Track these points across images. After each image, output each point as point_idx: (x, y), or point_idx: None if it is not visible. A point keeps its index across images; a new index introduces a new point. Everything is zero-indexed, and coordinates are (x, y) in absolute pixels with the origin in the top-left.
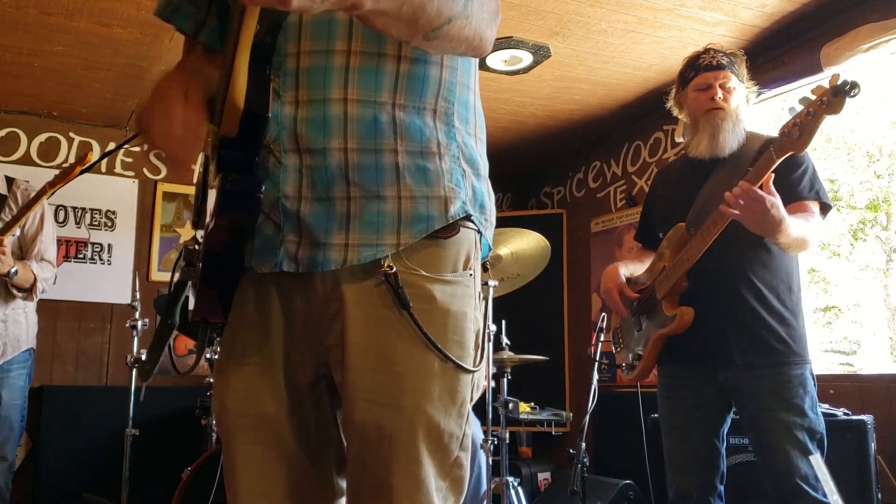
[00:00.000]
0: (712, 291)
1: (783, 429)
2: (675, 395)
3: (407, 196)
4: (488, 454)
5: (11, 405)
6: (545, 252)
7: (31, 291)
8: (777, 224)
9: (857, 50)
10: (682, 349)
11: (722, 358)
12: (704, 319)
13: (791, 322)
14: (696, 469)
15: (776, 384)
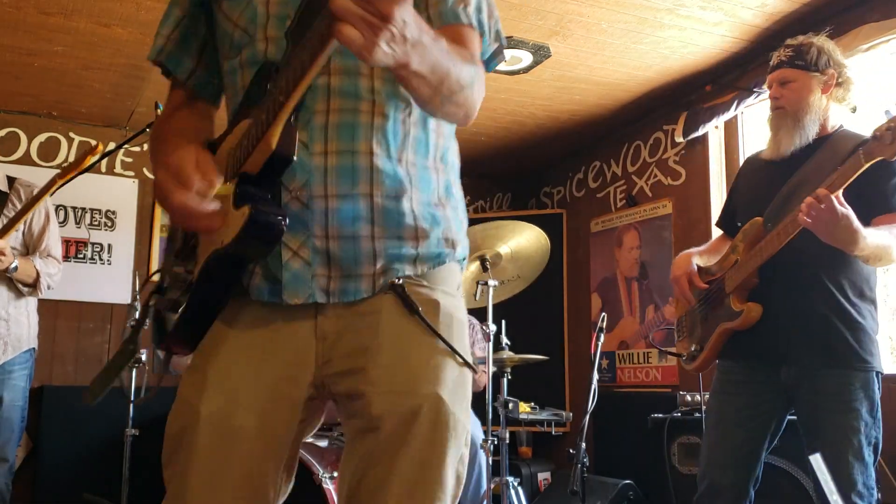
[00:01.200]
0: (782, 290)
1: (838, 430)
2: (728, 391)
3: (423, 237)
4: (488, 454)
5: (12, 406)
6: (544, 249)
7: (35, 287)
8: (849, 237)
9: (857, 50)
10: (746, 345)
11: (785, 357)
12: (771, 317)
13: (861, 326)
14: (733, 468)
15: (837, 386)
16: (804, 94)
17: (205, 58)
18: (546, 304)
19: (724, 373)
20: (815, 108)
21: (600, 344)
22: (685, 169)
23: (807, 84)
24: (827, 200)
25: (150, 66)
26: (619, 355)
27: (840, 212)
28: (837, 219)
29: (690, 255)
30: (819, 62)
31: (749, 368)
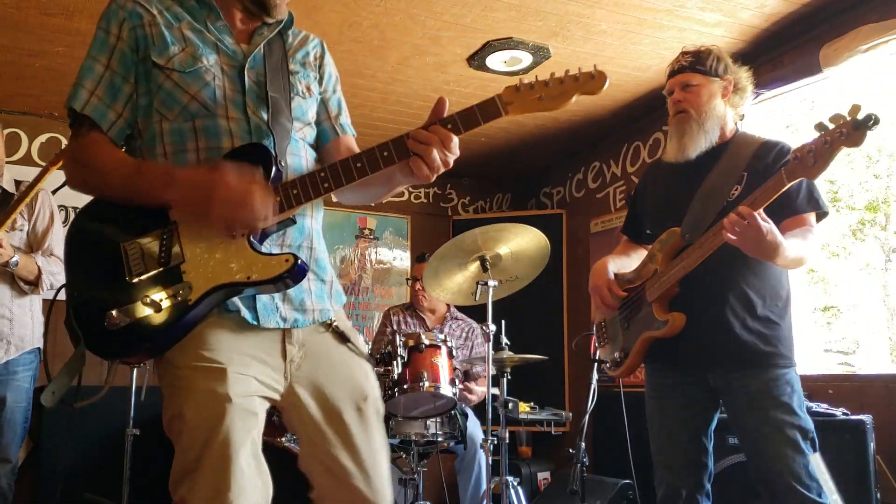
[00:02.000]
0: (702, 297)
1: (773, 427)
2: (663, 395)
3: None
4: (488, 454)
5: (16, 407)
6: (544, 251)
7: (37, 285)
8: (773, 250)
9: (856, 50)
10: (671, 352)
11: (710, 362)
12: (694, 325)
13: (779, 326)
14: (685, 468)
15: (763, 383)
16: (705, 97)
17: (125, 113)
18: (546, 304)
19: (656, 377)
20: (716, 112)
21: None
22: None
23: (708, 88)
24: (751, 218)
25: None
26: None
27: (765, 228)
28: (763, 235)
29: (606, 262)
30: (718, 68)
31: (678, 372)
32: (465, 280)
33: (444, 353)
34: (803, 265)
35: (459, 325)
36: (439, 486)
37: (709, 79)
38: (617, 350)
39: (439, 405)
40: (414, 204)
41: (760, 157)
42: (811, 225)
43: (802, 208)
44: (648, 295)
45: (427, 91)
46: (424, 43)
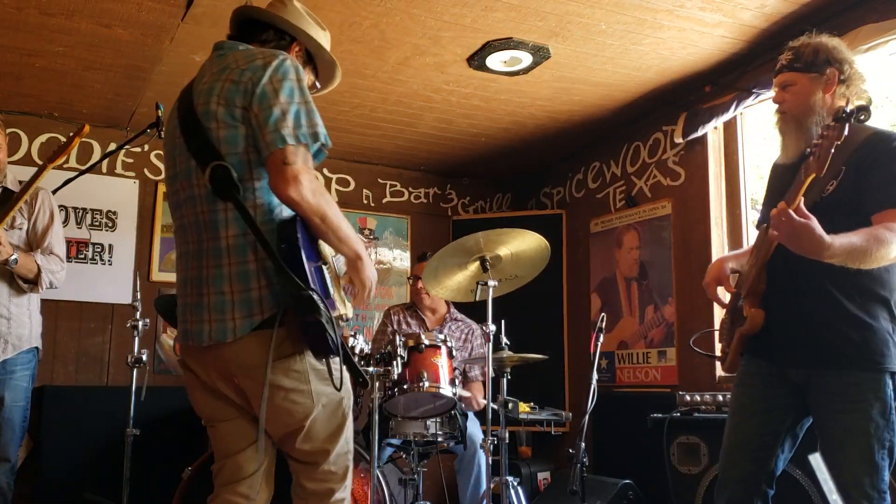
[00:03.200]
0: (785, 294)
1: (846, 432)
2: (744, 383)
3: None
4: (488, 454)
5: (14, 406)
6: (545, 253)
7: (36, 283)
8: (813, 247)
9: (857, 50)
10: (760, 346)
11: (791, 358)
12: (777, 322)
13: (869, 327)
14: (742, 461)
15: (843, 386)
16: (804, 96)
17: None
18: (546, 304)
19: (744, 366)
20: (817, 109)
21: (600, 344)
22: (684, 169)
23: (806, 86)
24: (785, 214)
25: (150, 67)
26: (618, 355)
27: (798, 222)
28: (797, 230)
29: (723, 260)
30: (817, 62)
31: (765, 364)
32: (465, 279)
33: (444, 353)
34: (871, 262)
35: (459, 326)
36: (439, 486)
37: (807, 75)
38: (724, 345)
39: (439, 405)
40: (414, 204)
41: (862, 150)
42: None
43: (890, 203)
44: (742, 291)
45: (427, 91)
46: (424, 43)
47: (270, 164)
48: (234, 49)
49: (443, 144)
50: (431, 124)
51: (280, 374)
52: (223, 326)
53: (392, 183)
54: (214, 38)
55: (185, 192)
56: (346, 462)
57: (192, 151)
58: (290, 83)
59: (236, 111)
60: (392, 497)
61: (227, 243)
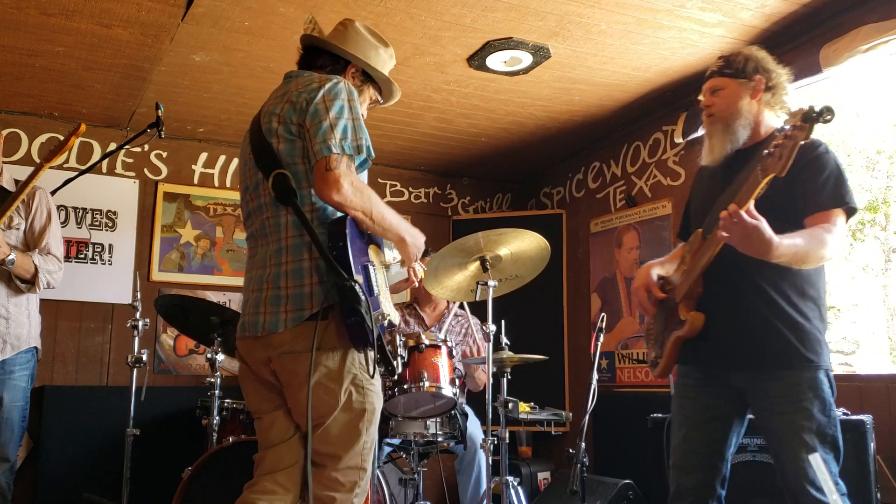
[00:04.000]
0: (723, 297)
1: (791, 431)
2: (685, 395)
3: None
4: (488, 454)
5: (13, 406)
6: (545, 253)
7: (34, 283)
8: (763, 247)
9: (857, 51)
10: (697, 351)
11: (731, 362)
12: (716, 324)
13: (803, 327)
14: (695, 469)
15: (784, 386)
16: (732, 100)
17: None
18: (546, 304)
19: (682, 377)
20: (744, 113)
21: (600, 344)
22: (684, 169)
23: (734, 90)
24: (737, 215)
25: (150, 67)
26: (618, 355)
27: (750, 224)
28: (748, 231)
29: (650, 266)
30: (746, 69)
31: (703, 373)
32: (464, 279)
33: (444, 353)
34: (811, 263)
35: (458, 321)
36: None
37: (735, 81)
38: (655, 350)
39: (439, 405)
40: (414, 204)
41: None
42: (832, 222)
43: (824, 204)
44: (676, 295)
45: (427, 91)
46: (424, 43)
47: (315, 171)
48: (299, 76)
49: (442, 144)
50: (431, 124)
51: (316, 364)
52: (276, 318)
53: (392, 183)
54: (214, 38)
55: (254, 202)
56: (356, 478)
57: (258, 165)
58: (341, 102)
59: (293, 127)
60: (392, 497)
61: (286, 244)
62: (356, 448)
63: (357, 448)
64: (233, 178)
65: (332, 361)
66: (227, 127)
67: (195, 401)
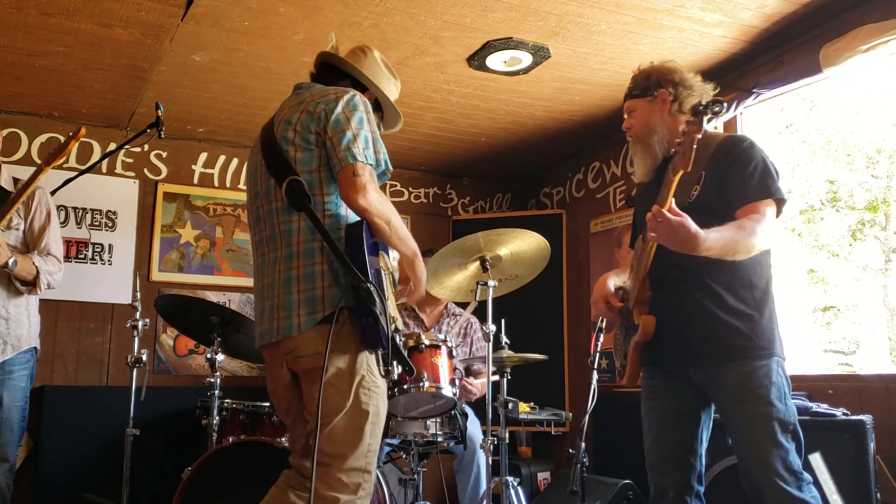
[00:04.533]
0: (671, 297)
1: (749, 419)
2: (652, 396)
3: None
4: (488, 454)
5: (12, 406)
6: (544, 253)
7: (34, 285)
8: (690, 242)
9: (857, 51)
10: (655, 353)
11: (687, 359)
12: (667, 325)
13: (752, 318)
14: (671, 468)
15: (739, 375)
16: (643, 119)
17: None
18: (546, 304)
19: (647, 379)
20: (656, 129)
21: (600, 344)
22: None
23: (644, 109)
24: (660, 214)
25: (150, 67)
26: None
27: (673, 221)
28: (674, 229)
29: (606, 277)
30: (650, 86)
31: (665, 372)
32: (464, 279)
33: (444, 353)
34: (741, 254)
35: (457, 321)
36: (439, 486)
37: (642, 100)
38: (620, 359)
39: (439, 405)
40: (414, 204)
41: (718, 154)
42: (761, 213)
43: (752, 196)
44: (630, 302)
45: (427, 91)
46: (424, 43)
47: (342, 177)
48: (311, 87)
49: (442, 144)
50: (431, 124)
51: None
52: (289, 323)
53: (392, 183)
54: (214, 38)
55: (264, 207)
56: (360, 479)
57: (271, 171)
58: (360, 114)
59: (310, 136)
60: (392, 497)
61: (298, 248)
62: (360, 449)
63: (361, 450)
64: (233, 179)
65: (344, 362)
66: (227, 127)
67: (195, 401)
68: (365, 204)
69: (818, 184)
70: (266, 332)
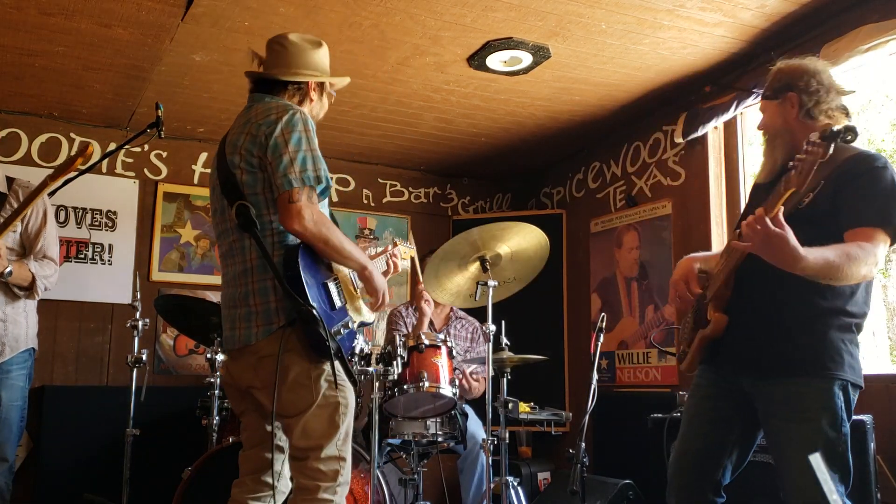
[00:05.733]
0: (749, 301)
1: (793, 444)
2: (696, 394)
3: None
4: (488, 454)
5: (11, 406)
6: (544, 249)
7: (31, 290)
8: (785, 257)
9: (857, 50)
10: (714, 353)
11: (745, 366)
12: (738, 327)
13: (823, 334)
14: (687, 468)
15: (787, 394)
16: (772, 121)
17: None
18: (546, 304)
19: (698, 377)
20: (782, 132)
21: (600, 344)
22: (685, 169)
23: (772, 112)
24: (761, 221)
25: (150, 67)
26: (618, 355)
27: (773, 231)
28: (770, 239)
29: (692, 259)
30: (780, 88)
31: (716, 375)
32: (464, 281)
33: (444, 353)
34: (843, 279)
35: (464, 325)
36: (439, 486)
37: (772, 102)
38: (684, 343)
39: (439, 405)
40: (414, 204)
41: (844, 167)
42: (874, 241)
43: (868, 221)
44: (708, 294)
45: (427, 91)
46: (424, 43)
47: (279, 203)
48: (260, 102)
49: (443, 144)
50: (431, 124)
51: (290, 365)
52: (248, 332)
53: (392, 183)
54: (214, 38)
55: (221, 225)
56: (337, 467)
57: (224, 192)
58: (298, 133)
59: (254, 160)
60: (392, 497)
61: (252, 265)
62: (335, 439)
63: (335, 439)
64: None
65: (306, 361)
66: (226, 127)
67: (195, 401)
68: (300, 228)
69: None
70: (229, 338)
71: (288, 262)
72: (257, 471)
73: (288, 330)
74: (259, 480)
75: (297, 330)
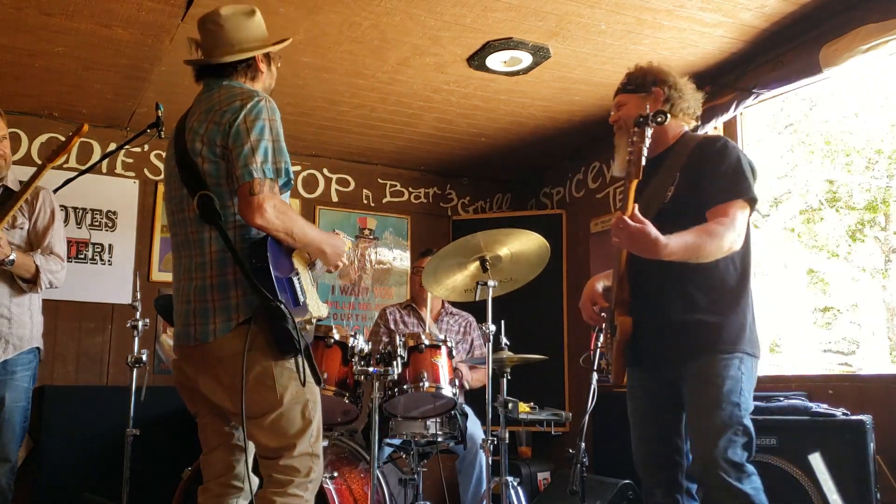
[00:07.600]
0: (646, 298)
1: (699, 409)
2: (633, 396)
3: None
4: (488, 454)
5: (15, 407)
6: (544, 255)
7: (35, 283)
8: (650, 247)
9: (857, 51)
10: (635, 353)
11: (660, 358)
12: (643, 325)
13: (721, 315)
14: (657, 467)
15: (698, 368)
16: (633, 113)
17: None
18: (546, 304)
19: (630, 380)
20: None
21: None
22: None
23: (635, 104)
24: (622, 222)
25: (150, 67)
26: None
27: (633, 227)
28: (634, 234)
29: (596, 279)
30: (644, 83)
31: (644, 373)
32: (463, 279)
33: (444, 353)
34: (705, 257)
35: (456, 319)
36: (439, 486)
37: (635, 95)
38: (607, 358)
39: (439, 405)
40: (414, 204)
41: (693, 156)
42: (730, 215)
43: (721, 198)
44: (612, 304)
45: (427, 91)
46: (424, 43)
47: (240, 195)
48: (219, 86)
49: (443, 144)
50: (431, 124)
51: (252, 363)
52: (205, 329)
53: (392, 183)
54: None
55: (178, 214)
56: (311, 463)
57: (183, 181)
58: (262, 122)
59: (217, 149)
60: (392, 497)
61: (211, 258)
62: (306, 435)
63: (307, 435)
64: None
65: (267, 360)
66: None
67: None
68: (262, 222)
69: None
70: (182, 334)
71: (255, 254)
72: (221, 474)
73: (253, 327)
74: (225, 484)
75: (262, 326)
